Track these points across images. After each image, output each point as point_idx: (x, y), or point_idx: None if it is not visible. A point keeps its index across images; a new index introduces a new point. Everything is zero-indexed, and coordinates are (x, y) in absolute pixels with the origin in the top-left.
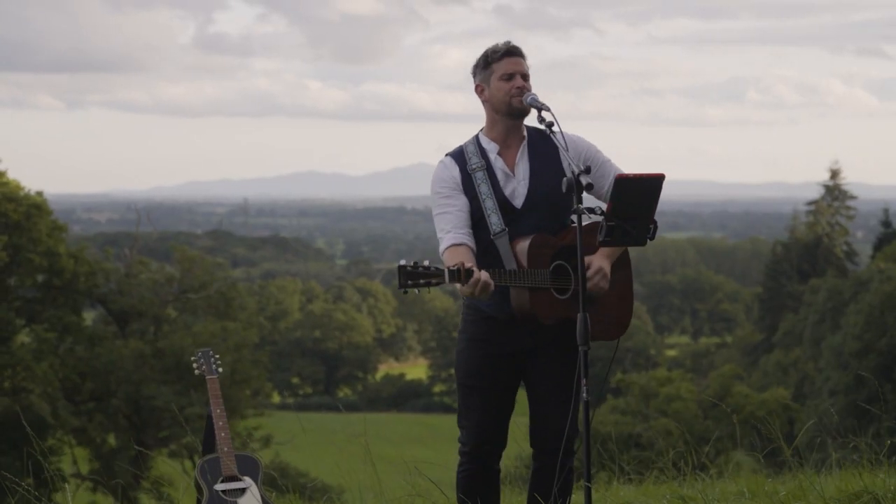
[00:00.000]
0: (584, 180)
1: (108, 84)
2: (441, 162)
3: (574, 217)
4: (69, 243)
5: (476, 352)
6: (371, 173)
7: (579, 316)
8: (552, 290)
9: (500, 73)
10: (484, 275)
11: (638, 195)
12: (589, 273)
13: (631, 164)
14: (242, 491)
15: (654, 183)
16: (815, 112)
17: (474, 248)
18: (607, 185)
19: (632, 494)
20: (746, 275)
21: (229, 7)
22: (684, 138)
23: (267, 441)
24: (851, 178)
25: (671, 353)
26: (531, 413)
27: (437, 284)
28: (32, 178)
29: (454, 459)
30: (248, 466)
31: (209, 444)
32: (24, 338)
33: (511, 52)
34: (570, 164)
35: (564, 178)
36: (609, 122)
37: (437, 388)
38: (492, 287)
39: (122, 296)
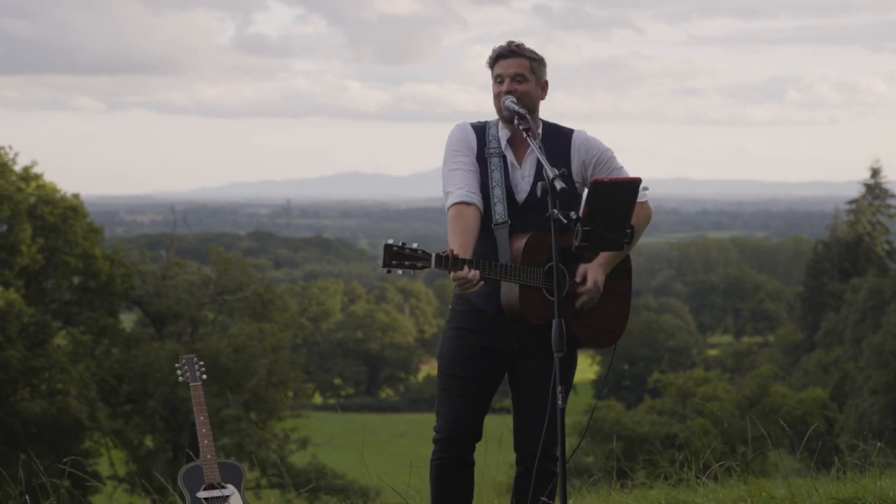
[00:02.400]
0: (558, 185)
1: (148, 85)
2: (459, 126)
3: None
4: (112, 245)
5: (461, 342)
6: (413, 174)
7: (554, 322)
8: (543, 291)
9: (494, 74)
10: (472, 273)
11: (614, 199)
12: (584, 287)
13: (674, 164)
14: (225, 499)
15: (630, 187)
16: (856, 111)
17: (482, 210)
18: None
19: (625, 500)
20: (789, 274)
21: (268, 8)
22: (726, 138)
23: (304, 443)
24: (893, 177)
25: (713, 352)
26: (515, 418)
27: (423, 268)
28: (75, 181)
29: (494, 460)
30: (231, 474)
31: (195, 452)
32: (60, 340)
33: (503, 54)
34: (546, 167)
35: (539, 183)
36: (650, 121)
37: None
38: (477, 285)
39: (159, 298)
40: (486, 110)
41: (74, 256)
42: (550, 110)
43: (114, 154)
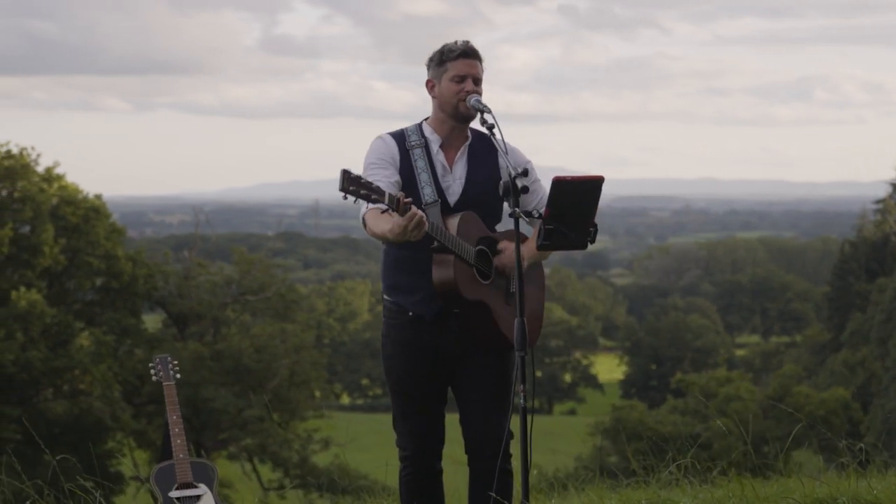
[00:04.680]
0: (520, 183)
1: (175, 86)
2: (379, 137)
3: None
4: (141, 246)
5: (404, 357)
6: None
7: (516, 321)
8: (475, 271)
9: (453, 73)
10: (422, 214)
11: (577, 198)
12: (505, 252)
13: (702, 164)
14: (197, 498)
15: (593, 185)
16: (883, 110)
17: None
18: (534, 202)
19: (609, 499)
20: (817, 274)
21: (293, 8)
22: (754, 138)
23: (327, 443)
24: None
25: (741, 352)
26: (462, 419)
27: (375, 202)
28: (104, 182)
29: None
30: (203, 473)
31: (167, 451)
32: (83, 341)
33: (467, 53)
34: (508, 166)
35: (501, 181)
36: (677, 121)
37: None
38: (424, 228)
39: (181, 298)
40: (517, 111)
41: (97, 257)
42: (580, 110)
43: (142, 155)
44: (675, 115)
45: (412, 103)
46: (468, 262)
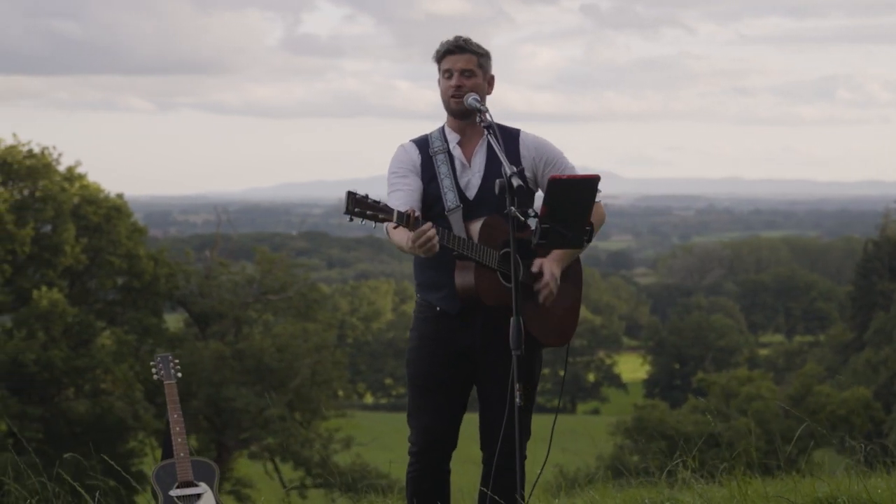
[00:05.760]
0: (515, 182)
1: (197, 86)
2: (401, 146)
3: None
4: (165, 245)
5: (427, 351)
6: None
7: (512, 320)
8: (498, 275)
9: (443, 69)
10: (432, 231)
11: (573, 197)
12: (543, 280)
13: (727, 163)
14: (198, 497)
15: (589, 184)
16: None
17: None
18: None
19: (613, 497)
20: (841, 273)
21: (316, 8)
22: (778, 137)
23: (348, 443)
24: None
25: (764, 352)
26: (481, 417)
27: (384, 221)
28: (128, 181)
29: (538, 460)
30: (204, 472)
31: (168, 450)
32: (104, 340)
33: (451, 49)
34: (505, 164)
35: (497, 180)
36: (701, 121)
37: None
38: (436, 245)
39: (203, 298)
40: (539, 111)
41: (118, 256)
42: (604, 110)
43: (165, 154)
44: (699, 115)
45: (435, 103)
46: (491, 268)
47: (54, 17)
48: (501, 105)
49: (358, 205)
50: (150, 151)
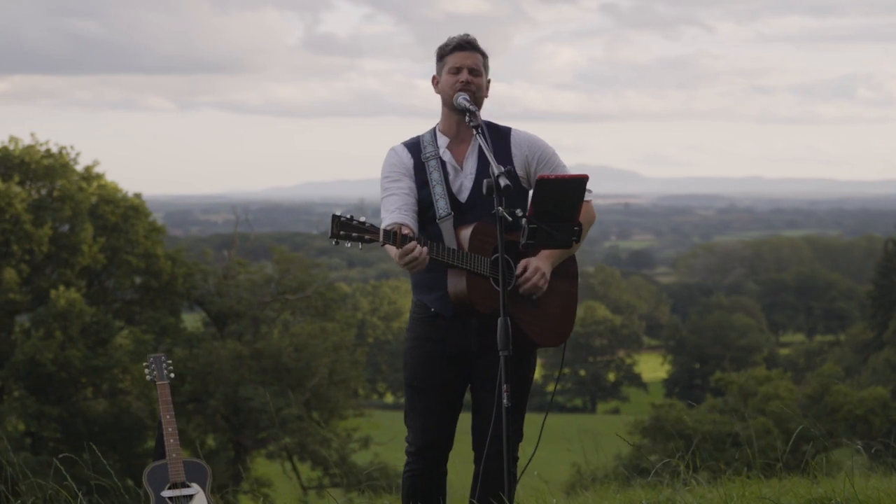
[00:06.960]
0: (503, 182)
1: (218, 85)
2: (392, 149)
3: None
4: (181, 244)
5: (422, 351)
6: None
7: (500, 320)
8: (491, 281)
9: (450, 65)
10: (419, 250)
11: (561, 197)
12: (527, 273)
13: (748, 162)
14: (189, 498)
15: (577, 184)
16: None
17: (416, 231)
18: None
19: (611, 498)
20: (862, 272)
21: (336, 7)
22: (798, 136)
23: (366, 442)
24: None
25: (785, 351)
26: (473, 417)
27: (370, 241)
28: (148, 181)
29: (558, 459)
30: (196, 473)
31: (160, 451)
32: (122, 340)
33: (462, 45)
34: (493, 164)
35: (485, 180)
36: (721, 120)
37: (551, 388)
38: (424, 261)
39: (220, 297)
40: (561, 109)
41: (136, 256)
42: (624, 109)
43: (186, 154)
44: (719, 114)
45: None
46: (482, 275)
47: (75, 17)
48: (522, 104)
49: (343, 227)
50: (171, 150)
